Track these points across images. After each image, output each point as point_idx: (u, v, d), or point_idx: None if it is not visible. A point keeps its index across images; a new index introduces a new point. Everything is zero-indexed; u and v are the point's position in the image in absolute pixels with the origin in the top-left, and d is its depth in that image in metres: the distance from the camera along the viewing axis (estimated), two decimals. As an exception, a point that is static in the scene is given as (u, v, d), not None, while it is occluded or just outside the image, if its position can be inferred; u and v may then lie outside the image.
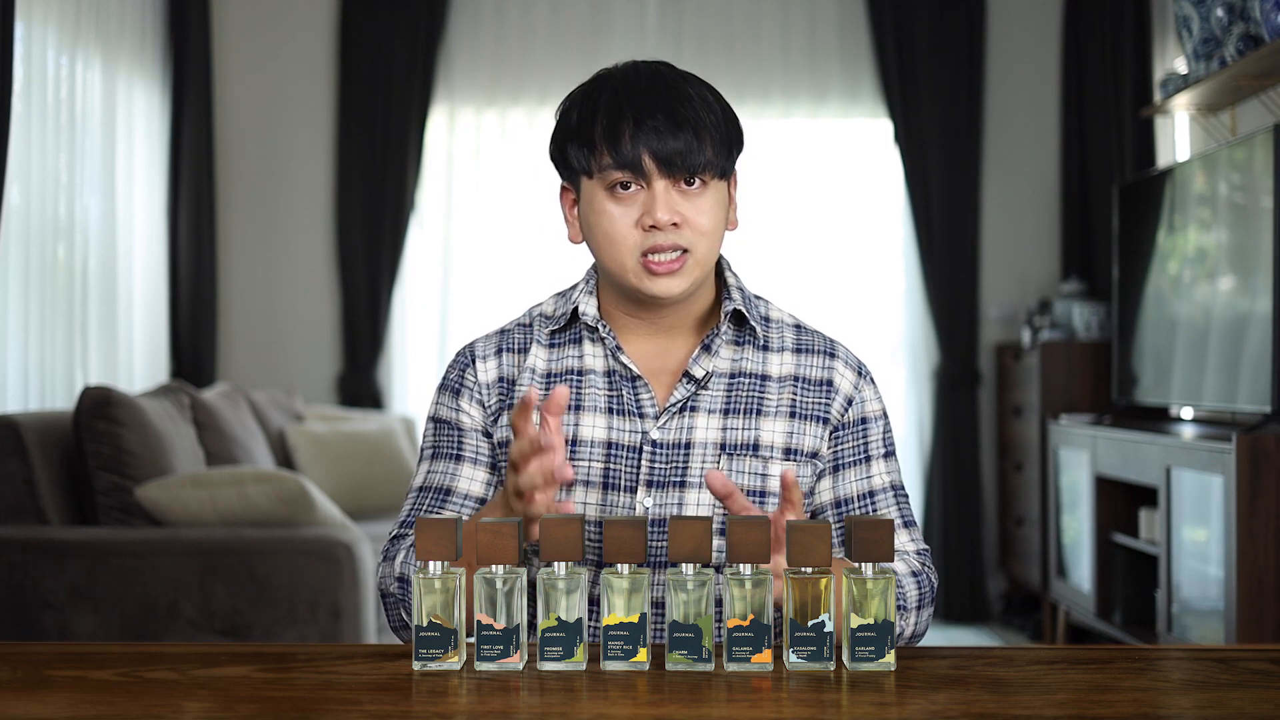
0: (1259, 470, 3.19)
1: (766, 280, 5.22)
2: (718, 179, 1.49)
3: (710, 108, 1.48)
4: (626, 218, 1.47)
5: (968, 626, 5.14)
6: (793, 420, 1.53)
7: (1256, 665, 1.28)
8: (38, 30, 3.95)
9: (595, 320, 1.54)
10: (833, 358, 1.57)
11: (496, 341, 1.59)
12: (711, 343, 1.53)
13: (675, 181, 1.46)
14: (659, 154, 1.44)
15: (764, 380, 1.54)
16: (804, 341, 1.58)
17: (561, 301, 1.59)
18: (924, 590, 1.52)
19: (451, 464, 1.55)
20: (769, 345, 1.56)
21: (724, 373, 1.54)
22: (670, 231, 1.45)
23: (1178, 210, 3.99)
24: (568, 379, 1.54)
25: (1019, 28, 5.43)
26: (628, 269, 1.48)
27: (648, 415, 1.52)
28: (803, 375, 1.55)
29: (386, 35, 5.31)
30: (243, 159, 5.41)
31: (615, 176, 1.46)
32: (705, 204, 1.47)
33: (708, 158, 1.46)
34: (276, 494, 3.39)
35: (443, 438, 1.57)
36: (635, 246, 1.47)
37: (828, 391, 1.55)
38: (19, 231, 3.83)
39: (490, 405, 1.55)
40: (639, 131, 1.44)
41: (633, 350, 1.55)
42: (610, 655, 1.24)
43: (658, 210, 1.45)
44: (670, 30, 5.36)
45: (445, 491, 1.54)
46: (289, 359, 5.43)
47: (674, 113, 1.45)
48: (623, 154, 1.45)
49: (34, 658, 1.32)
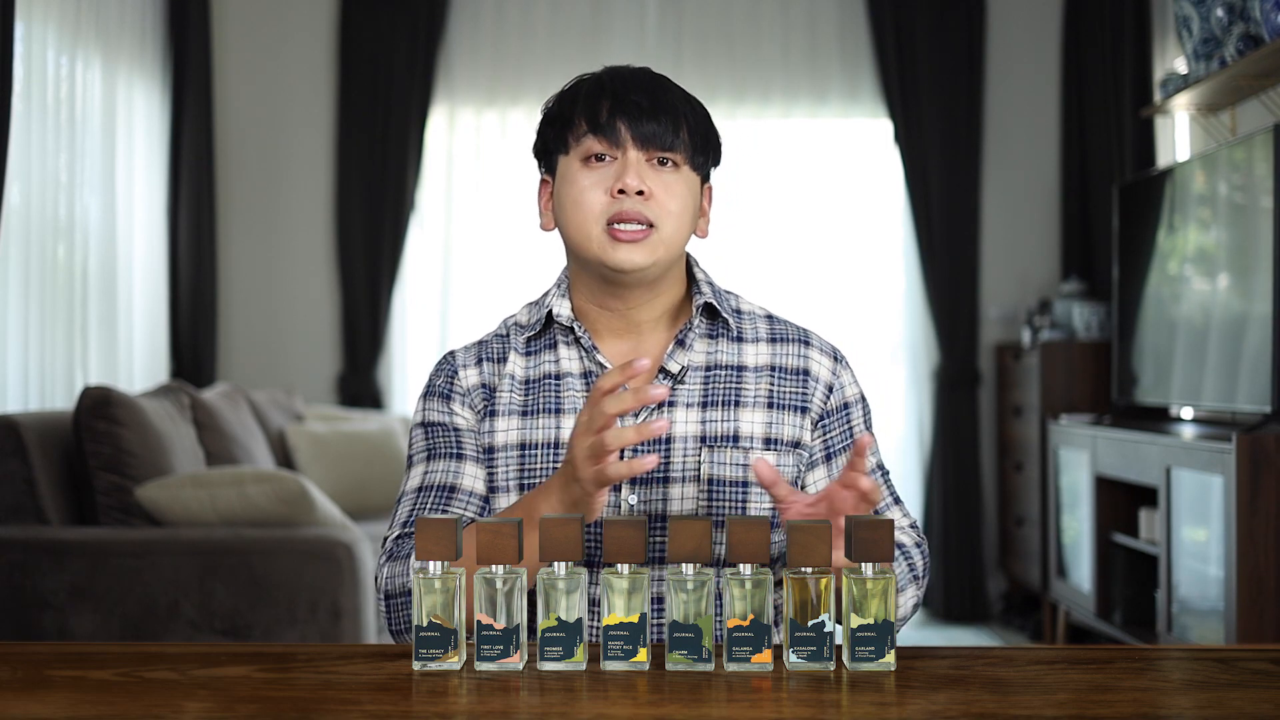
0: (1259, 470, 3.19)
1: (766, 280, 5.22)
2: (690, 168, 1.52)
3: (692, 106, 1.54)
4: (597, 186, 1.49)
5: (968, 626, 5.14)
6: (771, 410, 1.54)
7: (1256, 665, 1.28)
8: (38, 30, 3.95)
9: (569, 320, 1.55)
10: (807, 345, 1.59)
11: (476, 352, 1.60)
12: (685, 337, 1.55)
13: (649, 157, 1.49)
14: (635, 127, 1.48)
15: (740, 371, 1.56)
16: (778, 331, 1.59)
17: (534, 309, 1.61)
18: (926, 560, 1.58)
19: (453, 462, 1.54)
20: (743, 336, 1.58)
21: (699, 366, 1.55)
22: (637, 200, 1.47)
23: (1178, 210, 3.99)
24: (546, 383, 1.55)
25: (1019, 28, 5.43)
26: (592, 238, 1.49)
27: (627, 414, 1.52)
28: (779, 365, 1.57)
29: (386, 35, 5.31)
30: (243, 159, 5.41)
31: (591, 146, 1.49)
32: (676, 186, 1.50)
33: (683, 139, 1.50)
34: (276, 494, 3.39)
35: (438, 439, 1.56)
36: (602, 213, 1.48)
37: (805, 380, 1.56)
38: (19, 231, 3.83)
39: (478, 409, 1.57)
40: (618, 105, 1.49)
41: (607, 350, 1.56)
42: (610, 655, 1.24)
43: (628, 175, 1.47)
44: (670, 30, 5.37)
45: (450, 489, 1.53)
46: (289, 359, 5.43)
47: (654, 95, 1.50)
48: (600, 123, 1.49)
49: (34, 658, 1.32)
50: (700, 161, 1.53)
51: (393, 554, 1.50)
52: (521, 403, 1.55)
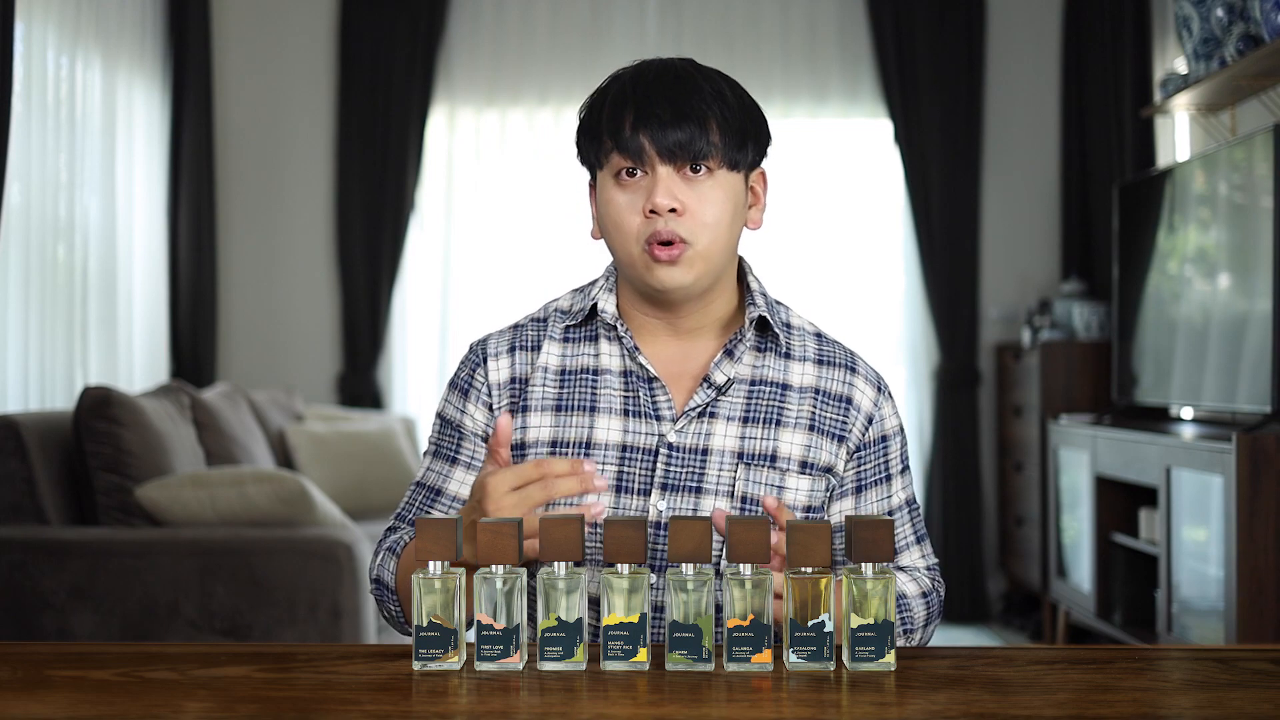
0: (1259, 470, 3.19)
1: (766, 281, 5.21)
2: (727, 169, 1.46)
3: (722, 98, 1.46)
4: (631, 205, 1.45)
5: (968, 626, 5.14)
6: (811, 434, 1.51)
7: (1256, 665, 1.28)
8: (38, 30, 3.95)
9: (614, 319, 1.52)
10: (853, 373, 1.55)
11: (510, 338, 1.56)
12: (734, 348, 1.51)
13: (679, 169, 1.44)
14: (659, 140, 1.42)
15: (784, 390, 1.52)
16: (825, 353, 1.56)
17: (580, 297, 1.57)
18: (932, 610, 1.54)
19: (447, 465, 1.56)
20: (791, 353, 1.54)
21: (745, 379, 1.52)
22: (669, 218, 1.43)
23: (1178, 210, 3.99)
24: (582, 377, 1.52)
25: (1019, 28, 5.43)
26: (634, 258, 1.46)
27: (664, 418, 1.49)
28: (823, 388, 1.53)
29: (386, 35, 5.31)
30: (243, 159, 5.41)
31: (619, 163, 1.45)
32: (711, 194, 1.45)
33: (712, 143, 1.43)
34: (276, 494, 3.39)
35: (444, 437, 1.57)
36: (639, 234, 1.44)
37: (847, 409, 1.53)
38: (19, 231, 3.83)
39: (499, 407, 1.54)
40: (640, 119, 1.43)
41: (651, 352, 1.53)
42: (610, 655, 1.24)
43: (657, 194, 1.43)
44: (670, 30, 5.37)
45: (436, 492, 1.56)
46: (289, 359, 5.43)
47: (677, 101, 1.43)
48: (623, 141, 1.44)
49: (34, 658, 1.32)
50: (738, 159, 1.47)
51: (379, 545, 1.56)
52: (555, 397, 1.52)
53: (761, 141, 1.51)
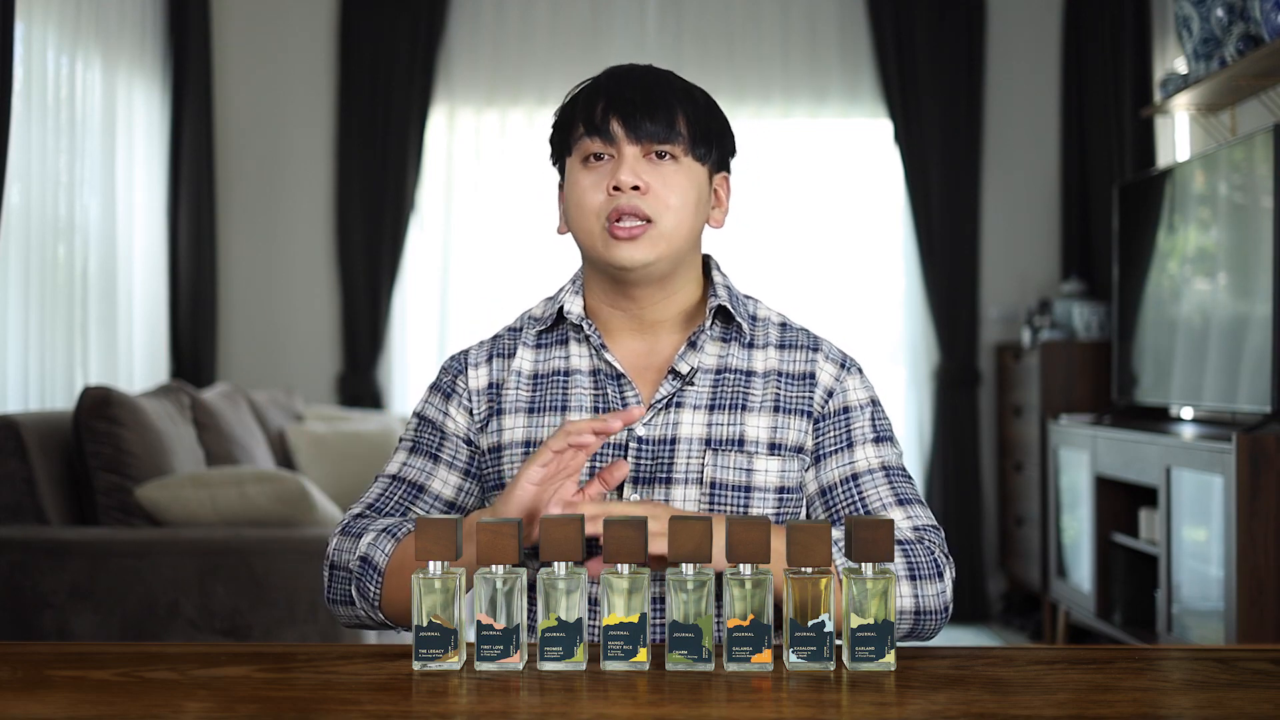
0: (1259, 470, 3.19)
1: (766, 280, 5.22)
2: (693, 160, 1.51)
3: (691, 96, 1.53)
4: (596, 184, 1.50)
5: (968, 626, 5.14)
6: (776, 414, 1.53)
7: (1256, 665, 1.28)
8: (38, 30, 3.95)
9: (580, 318, 1.55)
10: (815, 351, 1.58)
11: (488, 348, 1.62)
12: (697, 339, 1.54)
13: (645, 152, 1.50)
14: (628, 122, 1.49)
15: (749, 376, 1.55)
16: (788, 338, 1.59)
17: (549, 304, 1.62)
18: (914, 561, 1.45)
19: (429, 463, 1.58)
20: (754, 342, 1.57)
21: (710, 369, 1.55)
22: (633, 195, 1.48)
23: (1178, 210, 3.99)
24: (554, 379, 1.56)
25: (1019, 28, 5.43)
26: (595, 235, 1.51)
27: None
28: (786, 370, 1.56)
29: (386, 35, 5.31)
30: (243, 159, 5.41)
31: (588, 146, 1.51)
32: (675, 178, 1.50)
33: (679, 131, 1.49)
34: (276, 494, 3.39)
35: (425, 435, 1.59)
36: (601, 211, 1.49)
37: (810, 385, 1.55)
38: (19, 231, 3.83)
39: (479, 413, 1.58)
40: (611, 104, 1.50)
41: (618, 349, 1.57)
42: (610, 655, 1.24)
43: (622, 171, 1.48)
44: (670, 30, 5.37)
45: (418, 488, 1.57)
46: (289, 359, 5.43)
47: (648, 91, 1.50)
48: (594, 124, 1.50)
49: (34, 658, 1.32)
50: (702, 152, 1.52)
51: (346, 528, 1.54)
52: (529, 399, 1.56)
53: (725, 145, 1.57)
